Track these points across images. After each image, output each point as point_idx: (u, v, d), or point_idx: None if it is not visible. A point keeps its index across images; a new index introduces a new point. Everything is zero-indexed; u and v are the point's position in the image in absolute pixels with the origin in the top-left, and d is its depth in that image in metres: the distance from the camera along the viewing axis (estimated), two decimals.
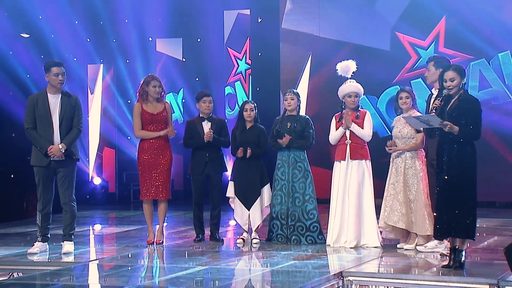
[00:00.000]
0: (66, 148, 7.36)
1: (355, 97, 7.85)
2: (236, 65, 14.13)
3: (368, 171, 7.80)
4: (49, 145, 7.35)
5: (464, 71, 6.33)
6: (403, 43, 12.67)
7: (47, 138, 7.37)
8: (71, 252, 7.46)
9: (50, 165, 7.41)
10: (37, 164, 7.44)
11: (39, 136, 7.39)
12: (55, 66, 7.44)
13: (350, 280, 6.21)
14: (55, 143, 7.37)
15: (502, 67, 12.11)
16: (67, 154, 7.40)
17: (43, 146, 7.35)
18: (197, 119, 8.42)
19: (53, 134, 7.39)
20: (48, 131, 7.38)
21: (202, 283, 6.08)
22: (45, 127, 7.38)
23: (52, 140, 7.38)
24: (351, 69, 7.91)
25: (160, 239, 8.17)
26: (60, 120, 7.41)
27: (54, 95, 7.45)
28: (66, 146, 7.37)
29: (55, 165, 7.42)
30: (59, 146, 7.34)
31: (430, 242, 7.34)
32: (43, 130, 7.39)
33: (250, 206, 8.16)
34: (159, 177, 8.07)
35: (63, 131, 7.40)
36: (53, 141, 7.38)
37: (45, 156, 7.36)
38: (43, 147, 7.35)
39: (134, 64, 14.46)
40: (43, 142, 7.36)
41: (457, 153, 6.18)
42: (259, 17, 13.75)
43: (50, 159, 7.36)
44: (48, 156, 7.35)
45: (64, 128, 7.41)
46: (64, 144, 7.36)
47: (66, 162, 7.43)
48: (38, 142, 7.39)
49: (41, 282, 6.21)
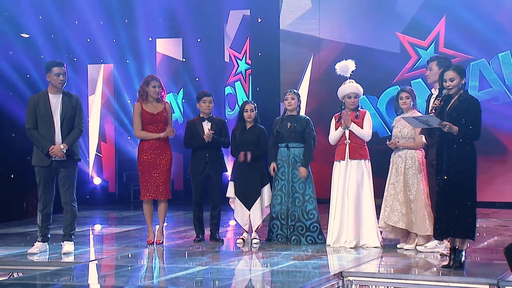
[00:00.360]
0: (67, 148, 7.36)
1: (355, 98, 7.85)
2: (236, 65, 14.13)
3: (367, 171, 7.80)
4: (50, 145, 7.35)
5: (464, 71, 6.33)
6: (403, 43, 12.67)
7: (48, 138, 7.37)
8: (71, 252, 7.46)
9: (52, 165, 7.41)
10: (39, 164, 7.44)
11: (41, 136, 7.39)
12: (56, 66, 7.44)
13: (350, 280, 6.22)
14: (56, 143, 7.37)
15: (502, 67, 12.11)
16: (69, 154, 7.40)
17: (44, 146, 7.36)
18: (198, 119, 8.42)
19: (55, 134, 7.39)
20: (49, 131, 7.38)
21: (202, 283, 6.08)
22: (46, 127, 7.38)
23: (53, 140, 7.38)
24: (350, 69, 7.91)
25: (160, 239, 8.17)
26: (61, 120, 7.42)
27: (55, 95, 7.45)
28: (68, 146, 7.37)
29: (57, 165, 7.42)
30: (60, 146, 7.35)
31: (430, 242, 7.34)
32: (45, 130, 7.39)
33: (250, 206, 8.16)
34: (159, 177, 8.07)
35: (64, 131, 7.41)
36: (54, 141, 7.38)
37: (46, 156, 7.37)
38: (45, 147, 7.35)
39: (134, 64, 14.46)
40: (44, 142, 7.36)
41: (457, 153, 6.18)
42: (259, 17, 13.75)
43: (52, 159, 7.37)
44: (50, 156, 7.35)
45: (65, 128, 7.41)
46: (66, 144, 7.36)
47: (68, 162, 7.44)
48: (40, 142, 7.39)
49: (41, 282, 6.21)
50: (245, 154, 8.10)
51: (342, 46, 12.98)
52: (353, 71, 7.92)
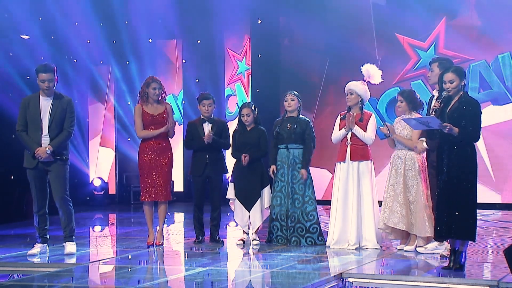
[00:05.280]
0: (52, 150, 7.35)
1: (350, 95, 7.85)
2: (236, 67, 14.13)
3: (368, 172, 7.79)
4: (36, 147, 7.36)
5: (463, 73, 6.33)
6: (403, 44, 12.67)
7: (35, 140, 7.38)
8: (73, 253, 7.47)
9: (38, 166, 7.42)
10: (27, 166, 7.49)
11: (28, 138, 7.41)
12: (42, 72, 7.40)
13: (350, 281, 6.22)
14: (43, 146, 7.37)
15: (502, 68, 12.10)
16: (56, 155, 7.41)
17: (30, 148, 7.38)
18: (198, 120, 8.42)
19: (41, 136, 7.39)
20: (37, 134, 7.39)
21: (202, 285, 6.08)
22: (34, 130, 7.40)
23: (40, 143, 7.38)
24: (371, 78, 7.90)
25: (160, 241, 8.16)
26: (49, 123, 7.41)
27: (46, 98, 7.47)
28: (53, 148, 7.36)
29: (44, 167, 7.43)
30: (45, 148, 7.34)
31: (430, 243, 7.34)
32: (33, 132, 7.41)
33: (250, 207, 8.16)
34: (160, 178, 8.07)
35: (52, 134, 7.40)
36: (41, 143, 7.38)
37: (32, 158, 7.38)
38: (31, 149, 7.37)
39: (134, 65, 14.45)
40: (30, 144, 7.38)
41: (457, 155, 6.18)
42: (259, 19, 13.75)
43: (38, 160, 7.37)
44: (35, 158, 7.36)
45: (53, 131, 7.40)
46: (51, 146, 7.36)
47: (56, 162, 7.44)
48: (27, 144, 7.42)
49: (41, 284, 6.21)
50: (244, 154, 8.11)
51: (342, 46, 12.95)
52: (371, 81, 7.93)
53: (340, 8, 13.10)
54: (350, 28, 12.94)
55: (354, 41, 12.77)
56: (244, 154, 8.10)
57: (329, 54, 13.13)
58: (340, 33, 12.91)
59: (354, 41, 12.77)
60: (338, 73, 12.52)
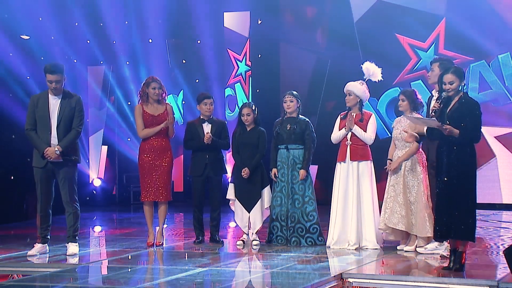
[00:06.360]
0: (61, 150, 7.34)
1: (349, 96, 7.86)
2: (236, 67, 14.13)
3: (368, 172, 7.80)
4: (45, 147, 7.33)
5: (463, 74, 6.33)
6: (403, 44, 12.67)
7: (44, 139, 7.36)
8: (76, 253, 7.46)
9: (47, 166, 7.40)
10: (36, 165, 7.45)
11: (37, 137, 7.38)
12: (49, 73, 7.36)
13: (350, 282, 6.22)
14: (52, 145, 7.35)
15: (502, 68, 12.11)
16: (65, 156, 7.39)
17: (40, 147, 7.35)
18: (198, 120, 8.41)
19: (51, 135, 7.37)
20: (46, 133, 7.37)
21: (202, 285, 6.08)
22: (43, 129, 7.37)
23: (49, 142, 7.36)
24: (372, 75, 7.90)
25: (160, 241, 8.16)
26: (58, 122, 7.38)
27: (55, 96, 7.44)
28: (62, 148, 7.34)
29: (53, 167, 7.41)
30: (54, 148, 7.33)
31: (430, 244, 7.34)
32: (42, 131, 7.38)
33: (250, 208, 8.16)
34: (160, 179, 8.07)
35: (61, 133, 7.37)
36: (50, 143, 7.35)
37: (42, 158, 7.36)
38: (40, 149, 7.35)
39: (134, 65, 14.45)
40: (40, 144, 7.35)
41: (457, 155, 6.19)
42: (259, 19, 13.75)
43: (47, 160, 7.36)
44: (45, 157, 7.35)
45: (62, 130, 7.38)
46: (60, 146, 7.34)
47: (65, 163, 7.42)
48: (35, 144, 7.39)
49: (41, 284, 6.22)
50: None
51: (342, 46, 12.96)
52: (370, 79, 7.93)
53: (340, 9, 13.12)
54: (350, 29, 12.96)
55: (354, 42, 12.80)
56: (243, 169, 8.09)
57: (329, 56, 13.13)
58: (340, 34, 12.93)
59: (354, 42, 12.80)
60: (338, 73, 12.52)
